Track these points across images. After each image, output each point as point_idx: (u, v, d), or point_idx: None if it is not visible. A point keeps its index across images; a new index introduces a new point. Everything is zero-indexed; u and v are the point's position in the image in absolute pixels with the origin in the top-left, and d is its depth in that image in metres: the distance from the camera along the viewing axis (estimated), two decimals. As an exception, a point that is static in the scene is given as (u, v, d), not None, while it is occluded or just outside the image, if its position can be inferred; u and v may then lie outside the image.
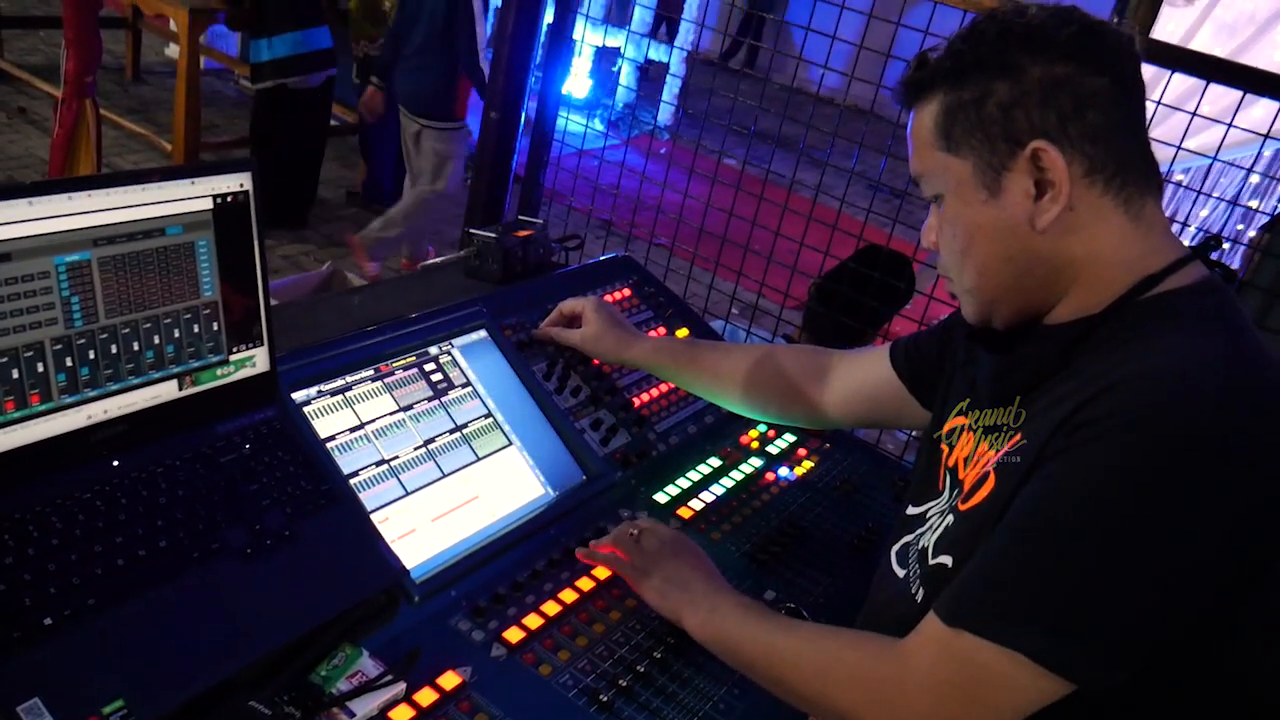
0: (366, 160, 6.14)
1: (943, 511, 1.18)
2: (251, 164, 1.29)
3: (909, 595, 1.16)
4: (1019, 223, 1.06)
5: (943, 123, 1.08)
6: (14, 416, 1.10)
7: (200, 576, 1.14)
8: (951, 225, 1.12)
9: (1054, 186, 1.03)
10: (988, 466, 1.09)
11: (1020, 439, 1.06)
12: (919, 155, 1.13)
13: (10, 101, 6.59)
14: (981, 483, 1.09)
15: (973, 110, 1.05)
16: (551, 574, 1.42)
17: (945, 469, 1.24)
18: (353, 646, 1.19)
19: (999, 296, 1.12)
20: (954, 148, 1.08)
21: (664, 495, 1.66)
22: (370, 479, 1.41)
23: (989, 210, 1.07)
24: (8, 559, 1.04)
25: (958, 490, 1.16)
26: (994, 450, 1.11)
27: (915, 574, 1.17)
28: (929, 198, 1.15)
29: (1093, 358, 1.03)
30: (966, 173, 1.07)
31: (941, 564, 1.11)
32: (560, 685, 1.25)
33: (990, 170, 1.06)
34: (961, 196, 1.09)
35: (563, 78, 2.64)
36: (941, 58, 1.09)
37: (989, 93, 1.04)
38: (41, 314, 1.10)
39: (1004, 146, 1.04)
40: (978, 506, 1.08)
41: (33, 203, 1.08)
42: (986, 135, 1.05)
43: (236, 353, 1.31)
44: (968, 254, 1.11)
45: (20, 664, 0.98)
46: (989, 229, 1.08)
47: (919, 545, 1.20)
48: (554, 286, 1.95)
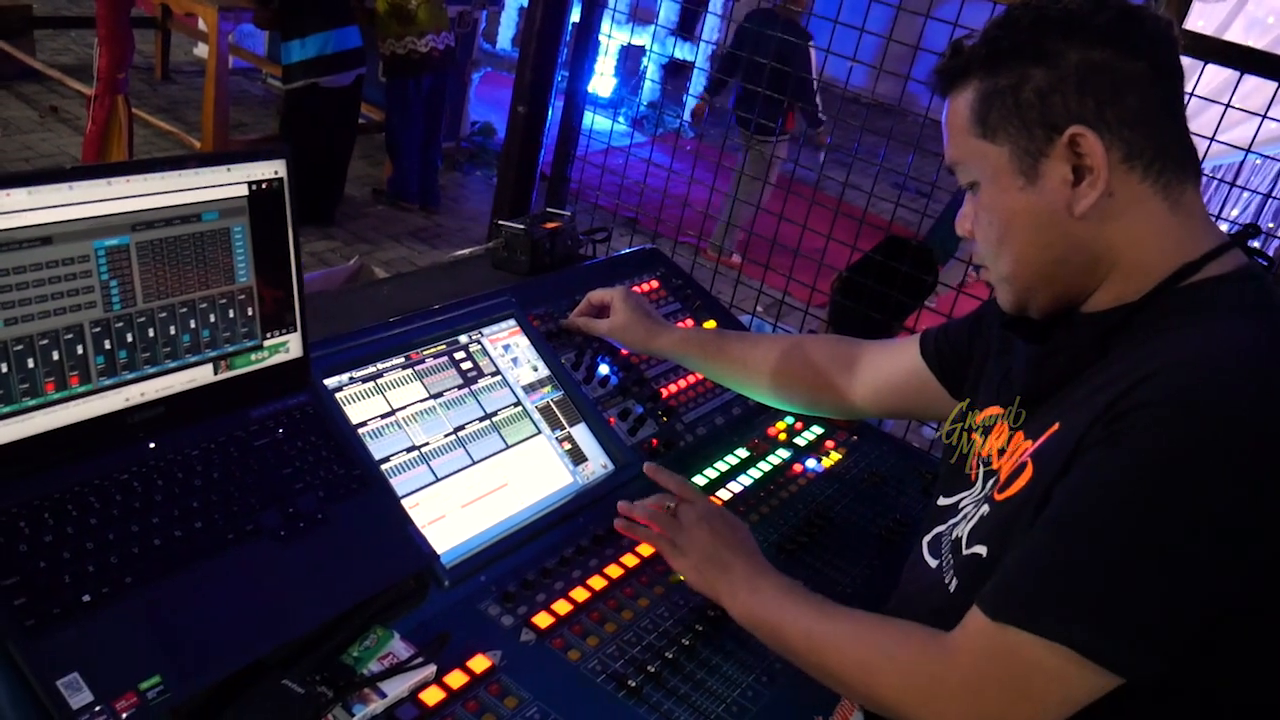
0: (393, 158, 6.18)
1: (977, 501, 1.17)
2: (286, 151, 1.30)
3: (942, 585, 1.15)
4: (1057, 209, 1.05)
5: (979, 109, 1.07)
6: (54, 398, 1.11)
7: (235, 557, 1.15)
8: (988, 213, 1.11)
9: (1092, 172, 1.02)
10: (1024, 456, 1.08)
11: (1058, 428, 1.05)
12: (955, 143, 1.12)
13: (42, 100, 6.67)
14: (1019, 472, 1.07)
15: (1009, 96, 1.04)
16: (580, 561, 1.43)
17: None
18: (384, 629, 1.20)
19: (1036, 284, 1.11)
20: (990, 134, 1.07)
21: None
22: (401, 465, 1.42)
23: (1026, 197, 1.06)
24: (48, 537, 1.05)
25: (993, 480, 1.15)
26: (1030, 440, 1.10)
27: (949, 564, 1.16)
28: (965, 185, 1.14)
29: (1131, 346, 1.02)
30: (1003, 159, 1.06)
31: (976, 554, 1.10)
32: (589, 670, 1.26)
33: (1027, 157, 1.05)
34: (998, 183, 1.08)
35: (589, 75, 2.65)
36: (977, 45, 1.08)
37: (1025, 79, 1.03)
38: (81, 297, 1.12)
39: (1041, 132, 1.03)
40: (1014, 496, 1.06)
41: (73, 187, 1.09)
42: (1023, 121, 1.04)
43: (270, 338, 1.32)
44: (1004, 241, 1.10)
45: (60, 639, 0.99)
46: (1026, 216, 1.07)
47: (952, 535, 1.19)
48: (581, 277, 1.95)
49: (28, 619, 0.99)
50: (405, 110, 5.84)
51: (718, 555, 1.30)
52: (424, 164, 6.22)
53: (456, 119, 7.14)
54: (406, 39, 5.58)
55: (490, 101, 7.93)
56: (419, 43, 5.60)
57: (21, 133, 6.19)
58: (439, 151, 6.40)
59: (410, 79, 5.72)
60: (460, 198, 6.80)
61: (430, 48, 5.65)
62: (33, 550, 1.04)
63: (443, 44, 5.73)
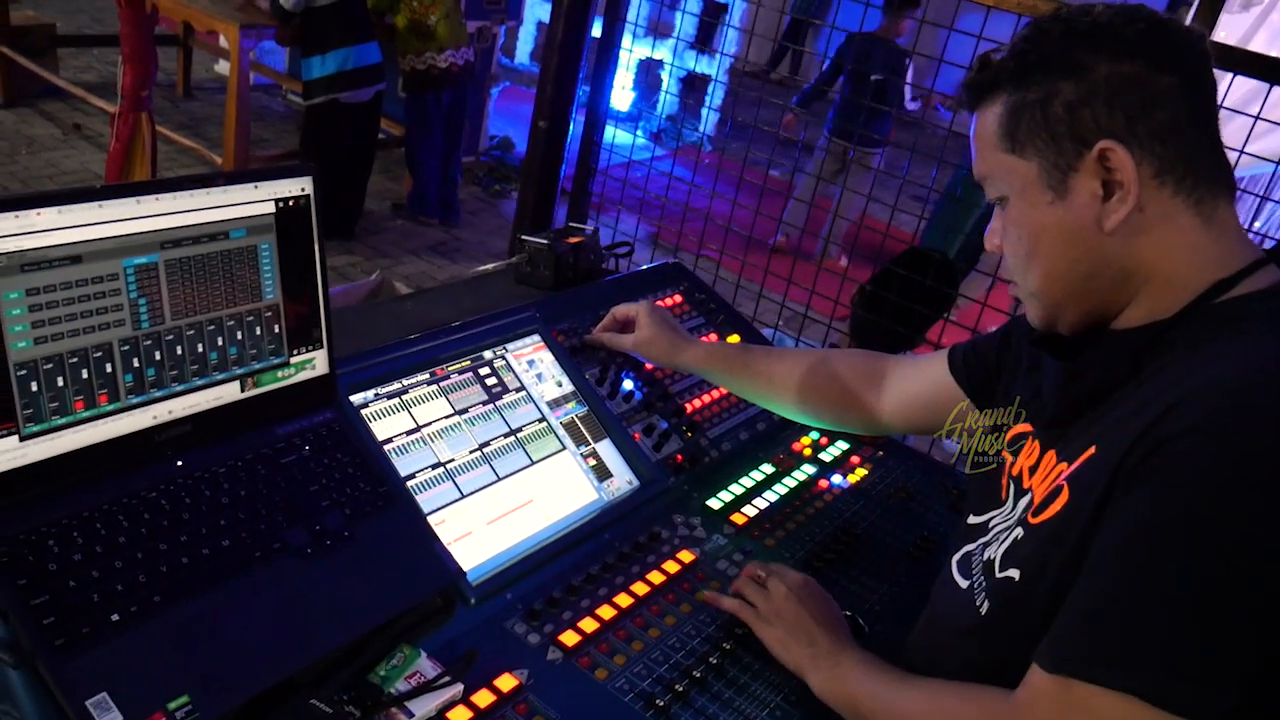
0: (412, 172, 6.20)
1: (1009, 523, 1.15)
2: (312, 169, 1.30)
3: (973, 607, 1.13)
4: (1086, 225, 1.03)
5: (1007, 124, 1.06)
6: (83, 416, 1.11)
7: (262, 575, 1.15)
8: (1016, 228, 1.09)
9: (1122, 187, 1.00)
10: (1060, 480, 1.05)
11: (1094, 452, 1.02)
12: (983, 157, 1.10)
13: (66, 118, 6.74)
14: (1054, 496, 1.05)
15: (1038, 110, 1.03)
16: (605, 578, 1.42)
17: (1009, 478, 1.21)
18: (411, 647, 1.19)
19: (1065, 300, 1.09)
20: (1019, 149, 1.05)
21: (717, 501, 1.65)
22: (427, 481, 1.41)
23: (1055, 212, 1.05)
24: (77, 556, 1.05)
25: (1025, 501, 1.13)
26: (1065, 462, 1.07)
27: (980, 585, 1.14)
28: (993, 200, 1.13)
29: (1164, 364, 1.00)
30: (1032, 174, 1.05)
31: (1009, 578, 1.08)
32: (616, 690, 1.25)
33: (1056, 171, 1.03)
34: (1027, 198, 1.07)
35: (610, 89, 2.65)
36: (1005, 58, 1.07)
37: (1054, 92, 1.02)
38: (110, 315, 1.12)
39: (1070, 147, 1.02)
40: (1050, 521, 1.04)
41: (103, 206, 1.10)
42: (1052, 135, 1.03)
43: (297, 355, 1.32)
44: (1033, 257, 1.09)
45: (89, 659, 0.99)
46: (1055, 231, 1.05)
47: (983, 556, 1.17)
48: (605, 292, 1.95)
49: (57, 638, 0.99)
50: (425, 125, 5.87)
51: (804, 628, 1.30)
52: (443, 178, 6.24)
53: (476, 133, 7.17)
54: (426, 54, 5.61)
55: (509, 116, 7.97)
56: (439, 58, 5.63)
57: (46, 150, 6.25)
58: (458, 166, 6.42)
59: (430, 94, 5.75)
60: (480, 212, 6.81)
61: (450, 63, 5.68)
62: (62, 569, 1.04)
63: (462, 59, 5.76)
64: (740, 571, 1.43)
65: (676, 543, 1.54)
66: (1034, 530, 1.07)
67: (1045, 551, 1.03)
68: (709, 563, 1.51)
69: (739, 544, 1.57)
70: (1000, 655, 1.07)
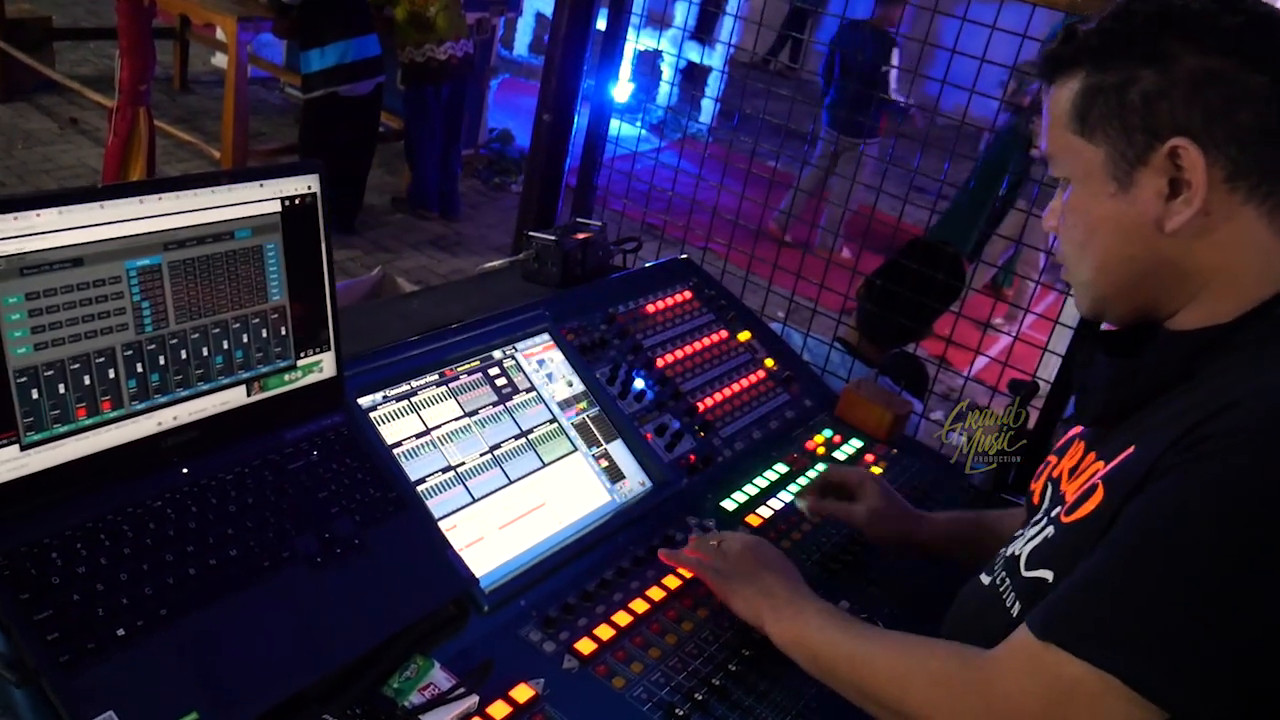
0: (412, 166, 6.16)
1: (1039, 521, 1.12)
2: (319, 166, 1.27)
3: (1002, 608, 1.10)
4: (1146, 222, 0.99)
5: (1080, 104, 1.02)
6: (86, 423, 1.08)
7: (271, 586, 1.12)
8: (1074, 214, 1.06)
9: (1189, 188, 0.96)
10: (1095, 479, 1.02)
11: (1133, 451, 0.99)
12: (1051, 134, 1.06)
13: (62, 112, 6.69)
14: (1088, 495, 1.02)
15: (1113, 96, 0.98)
16: (621, 583, 1.39)
17: (1048, 480, 1.18)
18: (424, 658, 1.16)
19: (1115, 294, 1.06)
20: (1088, 132, 1.01)
21: (731, 502, 1.62)
22: (437, 486, 1.38)
23: (1116, 204, 1.01)
24: (81, 569, 1.02)
25: (1058, 501, 1.10)
26: (1103, 461, 1.04)
27: (1004, 583, 1.11)
28: (1056, 178, 1.09)
29: (1220, 370, 0.97)
30: (1097, 161, 1.01)
31: (1040, 578, 1.04)
32: (634, 699, 1.22)
33: (1123, 162, 0.99)
34: (1088, 186, 1.03)
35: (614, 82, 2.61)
36: (1090, 34, 1.02)
37: (1133, 79, 0.97)
38: (113, 319, 1.09)
39: (1141, 139, 0.97)
40: (1083, 519, 1.01)
41: (104, 206, 1.06)
42: (1124, 124, 0.98)
43: (304, 358, 1.29)
44: (1087, 247, 1.05)
45: (95, 676, 0.96)
46: (1113, 224, 1.02)
47: (1007, 551, 1.15)
48: (614, 290, 1.92)
49: (61, 655, 0.96)
50: (424, 118, 5.82)
51: (761, 580, 1.29)
52: (443, 172, 6.20)
53: (475, 126, 7.13)
54: (425, 47, 5.56)
55: (508, 108, 7.92)
56: (438, 50, 5.59)
57: (42, 145, 6.20)
58: (458, 159, 6.38)
59: (429, 87, 5.71)
60: (480, 205, 6.77)
61: (449, 55, 5.64)
62: (65, 582, 1.00)
63: (461, 51, 5.71)
64: None
65: (691, 546, 1.51)
66: (1065, 529, 1.04)
67: (1078, 552, 0.99)
68: (725, 566, 1.48)
69: (755, 546, 1.54)
70: None
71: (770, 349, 2.03)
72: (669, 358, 1.83)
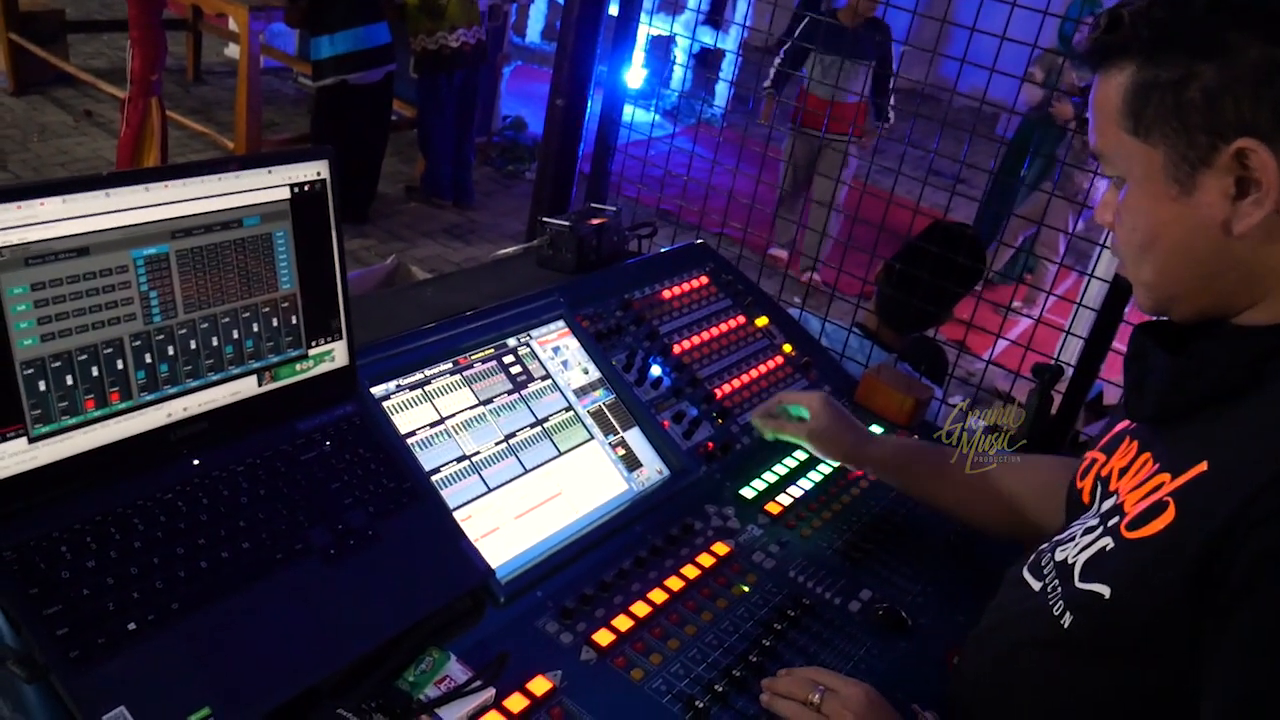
0: (425, 154, 6.14)
1: (1093, 528, 1.06)
2: (329, 152, 1.24)
3: (1051, 617, 1.04)
4: (1212, 225, 0.93)
5: (1133, 102, 0.95)
6: (94, 415, 1.06)
7: (284, 579, 1.10)
8: (1132, 216, 0.99)
9: (1259, 188, 0.89)
10: (1163, 494, 0.96)
11: (1206, 469, 0.93)
12: (1101, 131, 1.00)
13: (76, 105, 6.69)
14: (1156, 512, 0.96)
15: (1170, 94, 0.92)
16: (638, 573, 1.37)
17: (1096, 478, 1.13)
18: (440, 651, 1.14)
19: (1181, 296, 1.00)
20: (1144, 132, 0.95)
21: (751, 490, 1.60)
22: (451, 475, 1.36)
23: (1178, 208, 0.95)
24: (90, 563, 1.00)
25: (1112, 506, 1.05)
26: (1166, 473, 0.98)
27: (1055, 590, 1.06)
28: (1108, 176, 1.03)
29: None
30: (1156, 163, 0.95)
31: (1097, 593, 0.99)
32: (653, 690, 1.20)
33: (1184, 164, 0.93)
34: (1147, 188, 0.96)
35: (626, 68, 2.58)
36: (1139, 21, 0.95)
37: (1193, 75, 0.90)
38: (120, 309, 1.07)
39: (1204, 139, 0.91)
40: (1153, 539, 0.95)
41: (110, 194, 1.04)
42: (1184, 125, 0.91)
43: (315, 347, 1.27)
44: (1148, 250, 0.99)
45: (105, 672, 0.95)
46: (1176, 228, 0.96)
47: (1055, 557, 1.09)
48: (629, 275, 1.89)
49: (71, 650, 0.94)
50: (437, 106, 5.79)
51: None
52: (457, 160, 6.17)
53: (488, 114, 7.09)
54: (438, 34, 5.53)
55: (521, 95, 7.88)
56: (450, 37, 5.55)
57: (57, 137, 6.21)
58: (472, 147, 6.35)
59: (442, 74, 5.67)
60: (494, 193, 6.75)
61: (461, 42, 5.60)
62: (75, 577, 0.99)
63: (474, 38, 5.68)
64: (779, 674, 1.22)
65: (710, 534, 1.49)
66: (1129, 545, 0.98)
67: (1146, 571, 0.94)
68: (744, 555, 1.46)
69: (775, 535, 1.52)
70: (1087, 671, 1.01)
71: (788, 334, 2.00)
72: (686, 344, 1.81)
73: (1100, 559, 1.01)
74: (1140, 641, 0.95)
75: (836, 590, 1.43)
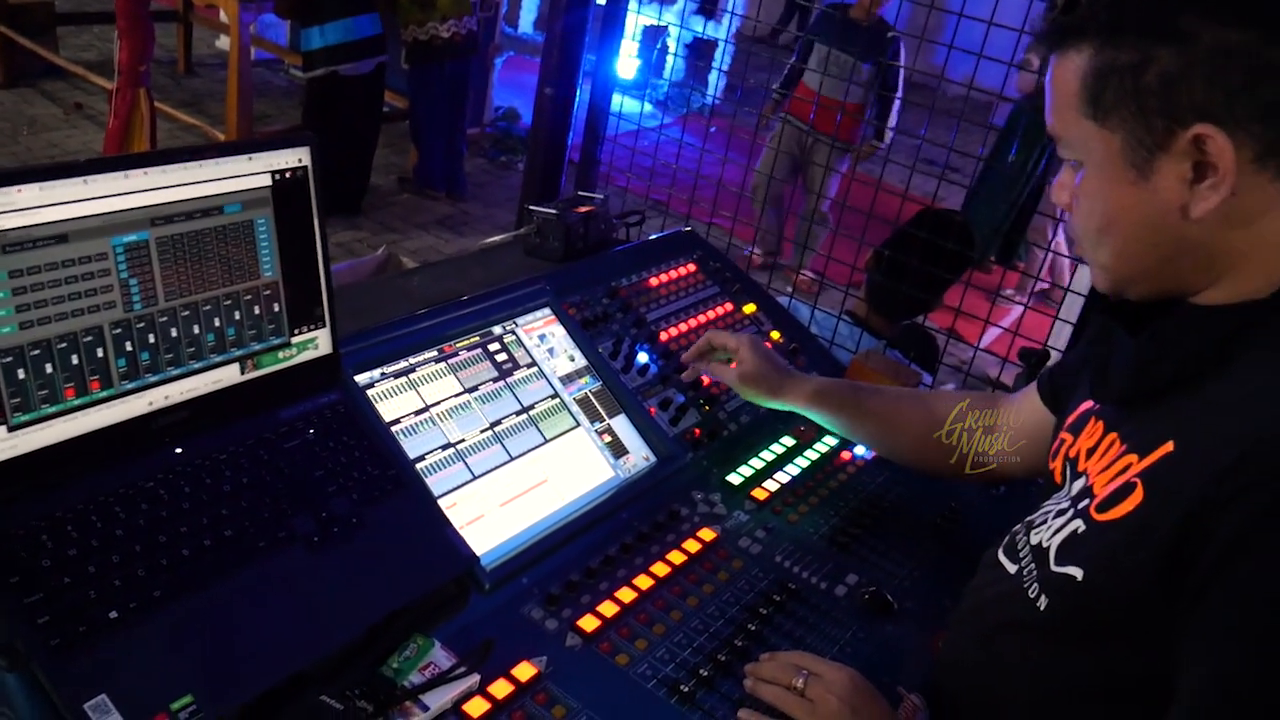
0: (417, 146, 6.12)
1: (1061, 507, 1.07)
2: (310, 139, 1.24)
3: (1026, 600, 1.05)
4: (1169, 209, 0.93)
5: (1091, 86, 0.95)
6: (75, 404, 1.06)
7: (267, 566, 1.10)
8: (1090, 199, 0.99)
9: (1216, 173, 0.90)
10: (1130, 475, 0.97)
11: (1172, 449, 0.93)
12: (1059, 115, 1.00)
13: (67, 97, 6.67)
14: (1125, 493, 0.96)
15: (1129, 78, 0.91)
16: (625, 559, 1.37)
17: (1065, 460, 1.14)
18: (424, 637, 1.14)
19: (1138, 277, 1.00)
20: (1101, 117, 0.95)
21: (737, 476, 1.60)
22: (437, 463, 1.36)
23: (1136, 192, 0.95)
24: (72, 551, 1.00)
25: (1082, 487, 1.05)
26: (1134, 454, 0.98)
27: (1031, 573, 1.07)
28: (1065, 159, 1.03)
29: (1260, 358, 0.91)
30: (1114, 147, 0.95)
31: (1071, 576, 0.99)
32: (639, 675, 1.20)
33: (1142, 149, 0.93)
34: (1105, 172, 0.96)
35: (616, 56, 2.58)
36: (1098, 4, 0.95)
37: (1150, 59, 0.90)
38: (100, 297, 1.07)
39: (1161, 124, 0.91)
40: (1122, 520, 0.95)
41: (88, 181, 1.04)
42: (1142, 109, 0.91)
43: (298, 334, 1.27)
44: (1106, 233, 0.99)
45: (86, 660, 0.95)
46: (1134, 212, 0.96)
47: (1030, 540, 1.10)
48: (616, 263, 1.89)
49: (53, 638, 0.94)
50: (429, 97, 5.78)
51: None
52: (449, 151, 6.16)
53: (480, 105, 7.08)
54: (428, 25, 5.51)
55: (514, 86, 7.86)
56: (441, 28, 5.53)
57: (47, 130, 6.18)
58: (464, 138, 6.33)
59: (433, 65, 5.65)
60: (486, 184, 6.74)
61: (453, 33, 5.58)
62: (56, 565, 0.99)
63: (465, 29, 5.66)
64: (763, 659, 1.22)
65: (696, 520, 1.49)
66: (1100, 528, 0.98)
67: (1116, 554, 0.94)
68: (730, 540, 1.46)
69: (761, 520, 1.52)
70: (1064, 653, 1.01)
71: (776, 321, 2.00)
72: (673, 331, 1.81)
73: (1072, 542, 1.02)
74: (1115, 623, 0.95)
75: (823, 575, 1.43)
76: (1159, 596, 0.90)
